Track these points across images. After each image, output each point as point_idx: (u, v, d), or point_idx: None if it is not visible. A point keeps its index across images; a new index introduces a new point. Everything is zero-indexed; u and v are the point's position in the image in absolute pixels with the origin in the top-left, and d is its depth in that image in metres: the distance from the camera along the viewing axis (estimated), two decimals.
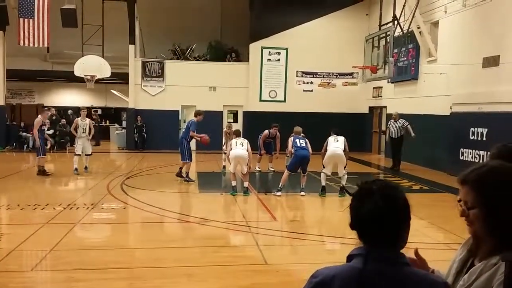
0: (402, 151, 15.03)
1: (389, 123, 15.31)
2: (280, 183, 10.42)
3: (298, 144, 10.44)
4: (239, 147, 10.47)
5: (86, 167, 13.15)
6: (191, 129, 12.06)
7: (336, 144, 10.52)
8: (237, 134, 11.53)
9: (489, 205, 1.56)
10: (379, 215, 1.48)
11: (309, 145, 10.58)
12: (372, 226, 1.50)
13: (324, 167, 10.65)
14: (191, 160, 12.12)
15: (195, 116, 12.39)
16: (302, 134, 11.03)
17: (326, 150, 10.57)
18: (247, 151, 10.43)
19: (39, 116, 12.83)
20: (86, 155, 13.19)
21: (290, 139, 10.71)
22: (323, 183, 10.49)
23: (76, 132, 13.07)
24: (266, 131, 13.85)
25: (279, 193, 10.35)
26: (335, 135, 10.75)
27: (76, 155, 13.01)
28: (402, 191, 1.56)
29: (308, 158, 10.42)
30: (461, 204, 1.65)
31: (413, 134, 14.65)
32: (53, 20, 18.22)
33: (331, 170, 10.57)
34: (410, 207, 1.54)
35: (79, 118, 13.32)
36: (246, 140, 10.74)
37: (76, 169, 12.82)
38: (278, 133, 13.79)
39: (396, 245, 1.52)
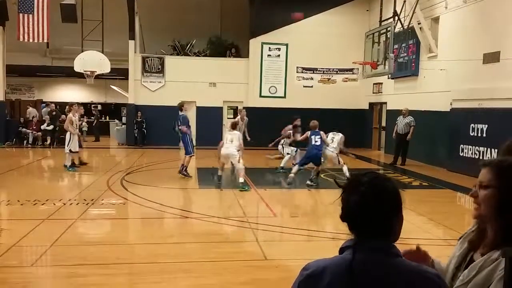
0: (408, 147, 15.06)
1: (398, 118, 15.32)
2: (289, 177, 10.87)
3: (313, 142, 10.73)
4: (228, 144, 10.55)
5: (75, 164, 12.96)
6: (186, 125, 11.97)
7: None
8: (232, 126, 11.37)
9: (504, 187, 1.55)
10: (365, 206, 1.48)
11: (325, 139, 11.08)
12: (359, 217, 1.50)
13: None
14: (193, 153, 12.11)
15: (181, 109, 12.15)
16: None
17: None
18: (237, 146, 10.54)
19: (70, 112, 13.15)
20: (75, 151, 12.96)
21: (307, 134, 11.16)
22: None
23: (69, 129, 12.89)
24: (290, 126, 13.73)
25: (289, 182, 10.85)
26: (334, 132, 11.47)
27: (73, 152, 12.88)
28: (393, 183, 1.55)
29: (319, 157, 10.87)
30: (475, 186, 1.64)
31: (409, 137, 14.74)
32: (53, 16, 18.19)
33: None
34: (402, 200, 1.53)
35: (70, 114, 13.07)
36: (237, 134, 10.76)
37: (71, 165, 12.72)
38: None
39: (386, 236, 1.51)
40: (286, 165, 12.94)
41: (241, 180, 10.48)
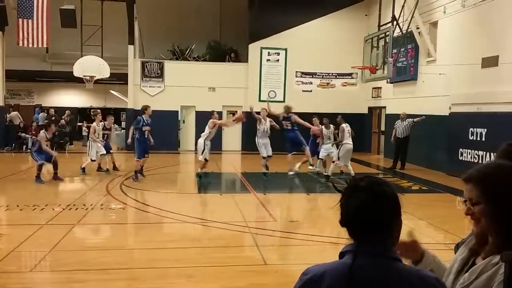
0: (407, 151, 15.08)
1: (396, 122, 15.35)
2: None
3: (284, 126, 11.79)
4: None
5: (107, 169, 13.33)
6: (133, 126, 12.08)
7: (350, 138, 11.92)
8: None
9: (493, 200, 1.56)
10: (364, 211, 1.49)
11: (299, 122, 12.02)
12: (359, 222, 1.50)
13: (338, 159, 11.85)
14: (141, 158, 12.10)
15: (143, 113, 12.20)
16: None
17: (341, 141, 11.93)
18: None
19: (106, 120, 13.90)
20: (101, 154, 13.29)
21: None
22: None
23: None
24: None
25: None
26: (348, 125, 12.14)
27: (93, 160, 13.15)
28: (391, 187, 1.55)
29: (293, 139, 12.28)
30: (466, 203, 1.64)
31: (421, 119, 14.69)
32: (52, 21, 18.22)
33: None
34: (401, 204, 1.54)
35: (94, 123, 13.43)
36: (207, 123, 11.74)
37: (107, 169, 13.15)
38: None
39: (386, 240, 1.51)
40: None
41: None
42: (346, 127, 12.18)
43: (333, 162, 12.13)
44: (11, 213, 8.35)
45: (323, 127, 13.16)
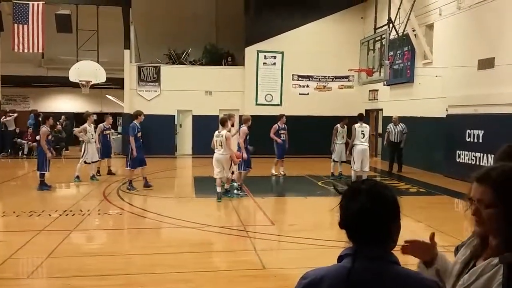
0: (403, 154, 15.07)
1: (389, 126, 15.32)
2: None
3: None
4: (217, 149, 10.09)
5: (94, 176, 12.90)
6: (130, 134, 11.22)
7: (364, 140, 11.51)
8: (220, 123, 10.40)
9: (508, 205, 1.53)
10: (365, 214, 1.48)
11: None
12: (359, 225, 1.50)
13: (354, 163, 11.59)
14: (134, 168, 11.37)
15: (136, 118, 11.38)
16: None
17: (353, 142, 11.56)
18: (226, 149, 9.95)
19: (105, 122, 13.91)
20: (92, 162, 12.90)
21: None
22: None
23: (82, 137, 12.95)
24: (276, 125, 13.51)
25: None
26: (362, 124, 11.71)
27: (87, 163, 12.76)
28: (392, 191, 1.56)
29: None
30: (473, 202, 1.61)
31: (402, 145, 14.76)
32: (48, 26, 18.19)
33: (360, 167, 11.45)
34: (400, 208, 1.54)
35: (86, 124, 13.12)
36: (224, 133, 9.99)
37: (77, 177, 12.60)
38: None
39: (385, 244, 1.51)
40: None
41: (226, 186, 10.48)
42: (358, 127, 11.88)
43: (351, 168, 12.03)
44: (8, 220, 8.30)
45: (338, 125, 13.36)
